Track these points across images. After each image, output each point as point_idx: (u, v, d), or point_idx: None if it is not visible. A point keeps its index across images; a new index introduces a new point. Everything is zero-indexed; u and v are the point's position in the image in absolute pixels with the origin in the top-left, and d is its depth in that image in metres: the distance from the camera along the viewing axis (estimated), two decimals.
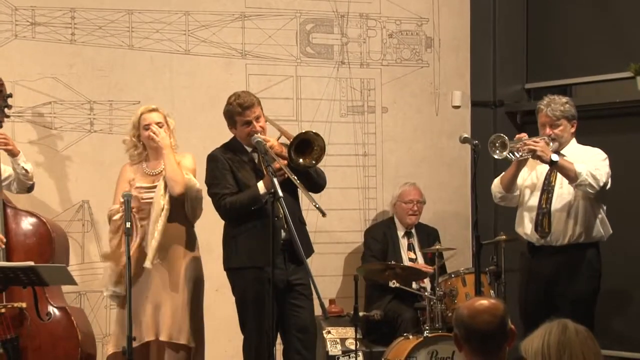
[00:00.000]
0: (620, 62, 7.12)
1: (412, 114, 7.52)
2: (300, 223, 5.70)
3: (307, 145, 5.47)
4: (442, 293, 6.40)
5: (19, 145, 6.03)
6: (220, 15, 7.00)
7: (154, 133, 5.68)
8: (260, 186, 5.45)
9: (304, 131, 5.53)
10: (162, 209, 5.59)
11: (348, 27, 7.36)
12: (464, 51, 7.64)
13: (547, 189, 5.93)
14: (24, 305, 5.52)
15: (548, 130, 5.90)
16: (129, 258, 5.09)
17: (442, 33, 7.57)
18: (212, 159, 5.69)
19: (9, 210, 5.69)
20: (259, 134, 5.52)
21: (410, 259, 7.04)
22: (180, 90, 6.88)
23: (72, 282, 5.19)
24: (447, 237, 7.18)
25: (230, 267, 5.69)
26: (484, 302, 3.29)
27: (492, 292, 6.42)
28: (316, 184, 5.66)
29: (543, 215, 5.90)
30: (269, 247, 5.24)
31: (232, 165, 5.60)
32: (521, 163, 5.88)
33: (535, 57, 7.90)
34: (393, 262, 6.58)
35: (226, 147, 5.72)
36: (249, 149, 5.66)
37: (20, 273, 4.99)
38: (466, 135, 6.09)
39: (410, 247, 7.11)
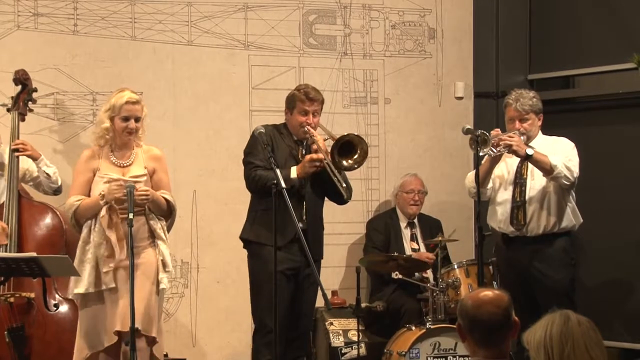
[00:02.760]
0: (623, 53, 7.09)
1: (415, 105, 7.51)
2: (321, 225, 5.95)
3: (350, 148, 5.73)
4: (444, 284, 6.41)
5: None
6: (222, 6, 6.99)
7: (144, 195, 5.22)
8: (293, 170, 5.63)
9: (346, 133, 5.81)
10: (166, 239, 5.39)
11: (351, 18, 7.35)
12: (466, 42, 7.63)
13: (520, 181, 5.98)
14: (32, 295, 5.56)
15: (517, 125, 5.93)
16: (132, 248, 4.98)
17: (445, 24, 7.56)
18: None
19: (23, 202, 5.74)
20: (309, 127, 5.76)
21: (413, 250, 7.04)
22: (183, 81, 6.88)
23: (75, 273, 5.18)
24: (449, 228, 7.17)
25: (245, 238, 5.86)
26: (488, 293, 3.29)
27: (494, 283, 6.42)
28: (340, 194, 5.84)
29: (518, 209, 5.95)
30: (285, 228, 5.44)
31: (274, 142, 5.75)
32: (496, 158, 5.92)
33: (538, 48, 7.89)
34: (396, 254, 6.57)
35: (275, 126, 5.91)
36: (295, 138, 5.87)
37: (23, 264, 4.98)
38: (469, 127, 6.09)
39: (413, 238, 7.11)
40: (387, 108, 7.43)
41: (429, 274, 6.85)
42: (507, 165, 6.06)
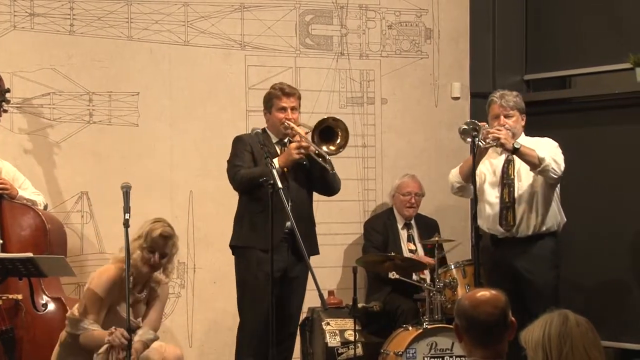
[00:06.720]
0: (619, 53, 7.11)
1: (412, 105, 7.51)
2: (310, 222, 5.87)
3: (330, 134, 5.69)
4: (441, 284, 6.40)
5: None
6: (219, 6, 6.98)
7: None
8: (275, 161, 5.52)
9: (323, 118, 5.76)
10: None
11: (347, 18, 7.34)
12: (463, 42, 7.63)
13: (507, 182, 5.96)
14: (19, 297, 5.52)
15: (502, 121, 5.93)
16: (128, 252, 4.88)
17: (441, 24, 7.56)
18: (237, 139, 5.88)
19: (4, 203, 5.69)
20: (290, 122, 5.71)
21: (410, 251, 7.03)
22: (179, 82, 6.87)
23: (71, 273, 5.17)
24: (446, 229, 7.16)
25: (234, 245, 5.85)
26: (485, 293, 3.30)
27: None
28: (330, 185, 5.83)
29: (507, 210, 5.93)
30: (272, 232, 5.33)
31: (254, 148, 5.72)
32: (482, 153, 5.89)
33: (534, 48, 7.89)
34: (393, 254, 6.57)
35: (254, 133, 5.78)
36: (275, 140, 5.82)
37: (19, 264, 4.98)
38: (465, 127, 6.08)
39: (410, 239, 7.10)
40: (383, 108, 7.43)
41: (426, 274, 6.85)
42: (492, 165, 6.04)
